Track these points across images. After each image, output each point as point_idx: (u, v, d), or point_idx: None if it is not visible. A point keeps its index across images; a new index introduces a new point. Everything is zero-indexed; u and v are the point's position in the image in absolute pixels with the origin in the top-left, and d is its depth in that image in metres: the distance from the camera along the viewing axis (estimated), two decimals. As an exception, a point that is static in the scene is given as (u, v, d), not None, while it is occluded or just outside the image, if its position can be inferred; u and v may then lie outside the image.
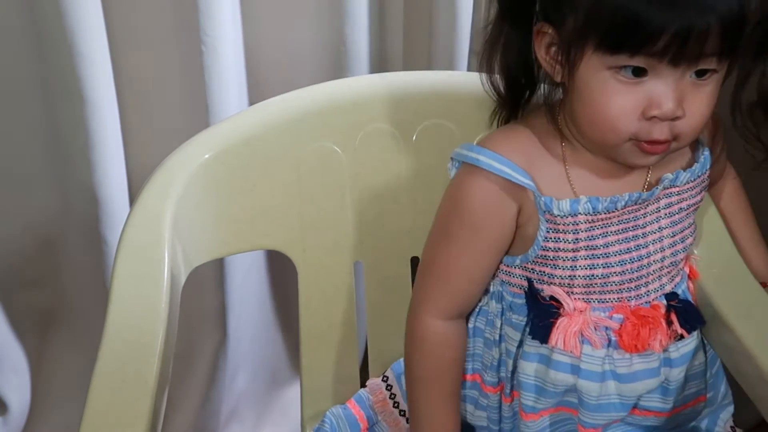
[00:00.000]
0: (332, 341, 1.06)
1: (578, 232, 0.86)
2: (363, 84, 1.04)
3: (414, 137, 1.02)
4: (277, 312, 1.45)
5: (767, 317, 0.93)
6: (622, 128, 0.80)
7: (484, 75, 0.91)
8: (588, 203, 0.85)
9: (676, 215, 0.91)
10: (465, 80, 1.02)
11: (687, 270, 0.95)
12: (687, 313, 0.92)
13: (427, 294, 0.92)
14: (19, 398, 1.36)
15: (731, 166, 1.03)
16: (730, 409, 0.99)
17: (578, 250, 0.87)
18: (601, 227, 0.86)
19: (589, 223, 0.86)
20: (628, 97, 0.79)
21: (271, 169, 0.99)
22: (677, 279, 0.93)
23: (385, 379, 1.03)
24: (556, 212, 0.85)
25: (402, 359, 1.02)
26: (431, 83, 1.03)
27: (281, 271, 1.40)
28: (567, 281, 0.88)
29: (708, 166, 0.91)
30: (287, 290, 1.40)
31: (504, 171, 0.85)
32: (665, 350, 0.91)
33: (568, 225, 0.86)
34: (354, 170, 1.02)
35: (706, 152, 0.91)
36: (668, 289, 0.92)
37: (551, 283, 0.89)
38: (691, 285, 0.95)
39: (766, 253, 1.02)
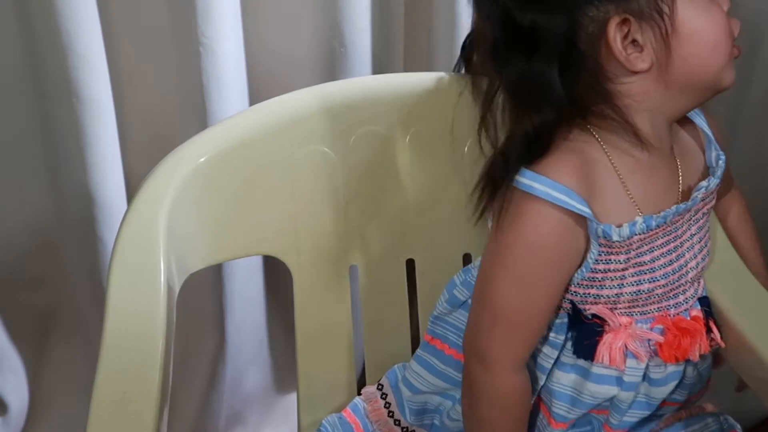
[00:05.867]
0: (328, 347, 1.06)
1: (630, 252, 0.84)
2: (355, 86, 1.04)
3: (407, 139, 1.02)
4: (277, 315, 1.45)
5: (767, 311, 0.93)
6: (731, 32, 0.83)
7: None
8: (643, 223, 0.83)
9: (701, 220, 0.90)
10: (460, 82, 1.01)
11: None
12: None
13: (507, 350, 0.86)
14: (19, 398, 1.36)
15: (737, 185, 1.04)
16: None
17: (627, 269, 0.85)
18: (649, 243, 0.85)
19: (640, 241, 0.84)
20: (715, 2, 0.82)
21: (263, 174, 0.99)
22: (702, 282, 0.93)
23: (380, 387, 1.03)
24: (615, 239, 0.83)
25: (397, 366, 1.02)
26: (425, 85, 1.02)
27: (281, 274, 1.39)
28: (613, 299, 0.87)
29: (724, 169, 0.91)
30: (287, 293, 1.39)
31: (564, 201, 0.81)
32: None
33: (622, 247, 0.84)
34: (347, 173, 1.01)
35: (723, 156, 0.91)
36: (701, 293, 0.92)
37: (596, 303, 0.87)
38: None
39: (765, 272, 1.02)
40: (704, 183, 0.87)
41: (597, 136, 0.84)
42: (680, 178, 0.88)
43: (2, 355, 1.32)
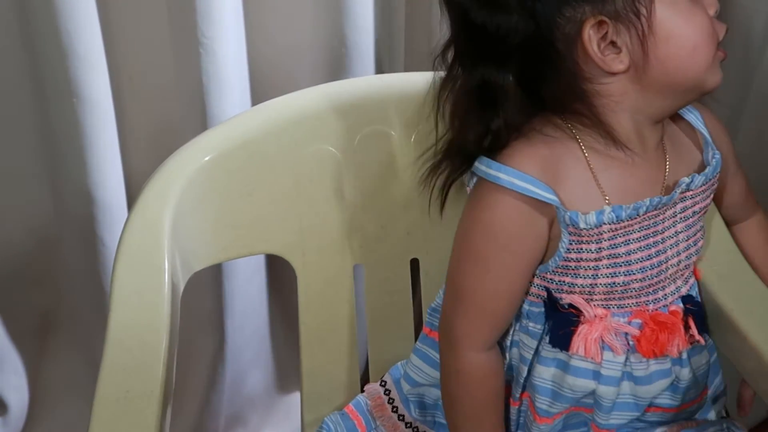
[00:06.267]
0: (332, 345, 1.06)
1: (601, 242, 0.85)
2: (360, 85, 1.04)
3: (412, 138, 1.02)
4: (278, 314, 1.45)
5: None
6: (716, 35, 0.82)
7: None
8: (612, 213, 0.84)
9: (690, 219, 0.90)
10: (464, 81, 1.01)
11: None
12: (702, 318, 0.92)
13: (468, 328, 0.88)
14: (19, 398, 1.36)
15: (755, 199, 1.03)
16: (723, 399, 0.99)
17: (600, 259, 0.86)
18: (623, 235, 0.86)
19: (612, 231, 0.85)
20: (700, 5, 0.82)
21: (268, 173, 0.99)
22: (691, 281, 0.93)
23: (383, 383, 1.03)
24: (582, 226, 0.83)
25: (400, 363, 1.02)
26: (429, 84, 1.02)
27: (281, 272, 1.40)
28: (588, 289, 0.87)
29: (719, 170, 0.91)
30: (288, 291, 1.39)
31: (527, 188, 0.83)
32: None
33: (592, 236, 0.84)
34: (352, 173, 1.01)
35: (718, 155, 0.91)
36: (684, 291, 0.92)
37: (571, 292, 0.88)
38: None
39: None
40: (686, 179, 0.87)
41: (574, 132, 0.85)
42: (666, 174, 0.88)
43: (3, 355, 1.32)
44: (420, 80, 1.03)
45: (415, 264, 1.07)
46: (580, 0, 0.79)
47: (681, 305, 0.91)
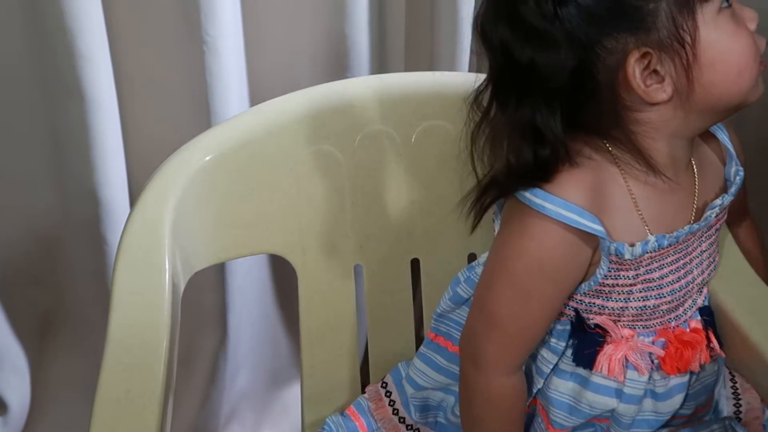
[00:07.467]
0: (333, 346, 1.06)
1: (639, 268, 0.84)
2: (361, 86, 1.03)
3: (413, 138, 1.02)
4: (278, 312, 1.45)
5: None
6: (759, 53, 0.80)
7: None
8: (656, 242, 0.83)
9: (712, 237, 0.90)
10: (464, 81, 1.00)
11: None
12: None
13: (502, 354, 0.87)
14: (19, 398, 1.36)
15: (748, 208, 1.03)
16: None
17: (635, 284, 0.85)
18: (659, 260, 0.84)
19: (650, 258, 0.84)
20: (741, 23, 0.80)
21: (269, 173, 0.99)
22: (705, 291, 0.93)
23: (384, 385, 1.03)
24: (627, 257, 0.82)
25: (400, 365, 1.02)
26: (430, 84, 1.03)
27: (282, 271, 1.40)
28: (617, 312, 0.87)
29: (741, 185, 0.90)
30: (288, 290, 1.40)
31: (574, 220, 0.80)
32: None
33: (632, 263, 0.83)
34: (353, 173, 1.02)
35: (741, 173, 0.90)
36: (700, 303, 0.91)
37: (600, 313, 0.87)
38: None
39: None
40: (718, 201, 0.87)
41: (614, 155, 0.83)
42: (696, 195, 0.87)
43: (3, 354, 1.32)
44: (422, 79, 1.05)
45: (415, 264, 1.07)
46: (622, 31, 0.77)
47: (699, 318, 0.91)
